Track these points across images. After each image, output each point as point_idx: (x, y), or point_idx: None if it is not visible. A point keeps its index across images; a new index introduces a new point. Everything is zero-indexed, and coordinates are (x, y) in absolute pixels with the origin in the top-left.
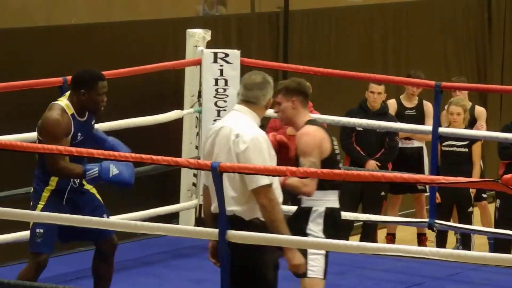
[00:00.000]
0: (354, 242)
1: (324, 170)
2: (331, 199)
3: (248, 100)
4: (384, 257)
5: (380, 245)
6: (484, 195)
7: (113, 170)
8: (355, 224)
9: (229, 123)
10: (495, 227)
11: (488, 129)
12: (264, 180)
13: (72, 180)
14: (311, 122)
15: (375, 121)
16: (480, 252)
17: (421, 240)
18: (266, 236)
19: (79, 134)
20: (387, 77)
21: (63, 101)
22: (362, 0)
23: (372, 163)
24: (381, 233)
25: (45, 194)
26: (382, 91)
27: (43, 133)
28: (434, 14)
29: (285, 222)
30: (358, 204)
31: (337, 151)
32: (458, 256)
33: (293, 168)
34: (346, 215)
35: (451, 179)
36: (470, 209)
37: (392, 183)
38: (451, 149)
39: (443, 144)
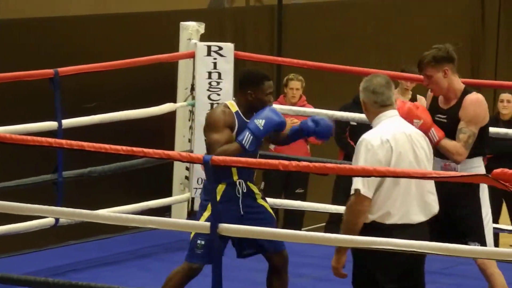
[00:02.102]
0: (344, 235)
1: (316, 164)
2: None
3: (391, 103)
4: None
5: (369, 239)
6: None
7: (260, 122)
8: None
9: (410, 128)
10: None
11: None
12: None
13: (236, 190)
14: (468, 89)
15: (363, 115)
16: (470, 246)
17: None
18: (259, 229)
19: None
20: (380, 71)
21: (229, 101)
22: None
23: None
24: None
25: (206, 214)
26: None
27: (205, 129)
28: (428, 10)
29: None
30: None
31: None
32: (448, 249)
33: (286, 162)
34: (339, 208)
35: (442, 173)
36: None
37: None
38: None
39: None
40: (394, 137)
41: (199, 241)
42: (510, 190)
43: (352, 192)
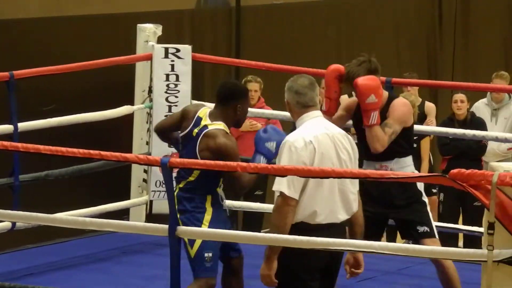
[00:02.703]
0: (304, 237)
1: (275, 166)
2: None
3: (309, 104)
4: None
5: (330, 240)
6: (434, 190)
7: (271, 145)
8: None
9: (334, 128)
10: (439, 221)
11: (437, 125)
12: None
13: (220, 197)
14: (393, 95)
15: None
16: (427, 246)
17: None
18: (218, 232)
19: None
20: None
21: (219, 124)
22: None
23: None
24: None
25: (208, 217)
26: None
27: (224, 159)
28: (386, 11)
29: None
30: None
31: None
32: (406, 250)
33: (244, 164)
34: None
35: (400, 173)
36: None
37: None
38: None
39: None
40: (316, 138)
41: (206, 254)
42: (467, 190)
43: (278, 194)
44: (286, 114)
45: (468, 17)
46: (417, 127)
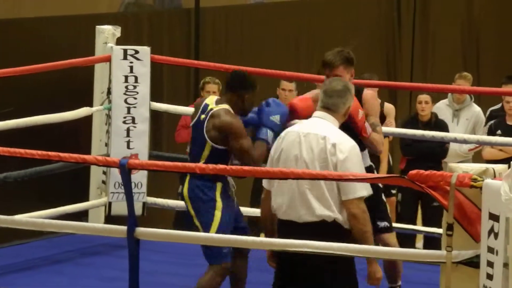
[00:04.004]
0: (264, 238)
1: (233, 167)
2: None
3: (329, 107)
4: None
5: (288, 241)
6: (393, 191)
7: (276, 118)
8: None
9: (316, 130)
10: (397, 221)
11: (397, 126)
12: (362, 192)
13: (230, 186)
14: (358, 87)
15: None
16: (386, 247)
17: None
18: (177, 233)
19: None
20: (298, 74)
21: (223, 105)
22: None
23: None
24: None
25: (219, 205)
26: (293, 89)
27: (231, 136)
28: (346, 12)
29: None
30: None
31: None
32: (366, 251)
33: (203, 165)
34: (256, 211)
35: (358, 174)
36: None
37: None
38: None
39: None
40: (286, 134)
41: None
42: (425, 191)
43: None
44: None
45: (427, 18)
46: (386, 129)
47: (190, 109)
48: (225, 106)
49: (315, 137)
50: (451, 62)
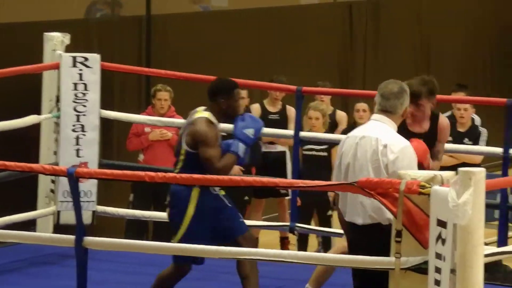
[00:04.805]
0: (213, 247)
1: (183, 175)
2: None
3: (386, 109)
4: None
5: (239, 249)
6: None
7: (250, 132)
8: None
9: (371, 132)
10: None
11: (341, 134)
12: None
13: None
14: (435, 113)
15: None
16: (336, 255)
17: (284, 243)
18: (125, 242)
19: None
20: (249, 81)
21: (204, 113)
22: (227, 5)
23: (236, 169)
24: None
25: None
26: (245, 96)
27: (199, 144)
28: (299, 20)
29: None
30: None
31: None
32: (316, 258)
33: (152, 173)
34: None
35: (309, 182)
36: (329, 212)
37: (255, 187)
38: (311, 153)
39: (304, 148)
40: (347, 138)
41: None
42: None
43: None
44: None
45: (378, 26)
46: (329, 136)
47: (141, 117)
48: (207, 114)
49: (369, 140)
50: (403, 69)
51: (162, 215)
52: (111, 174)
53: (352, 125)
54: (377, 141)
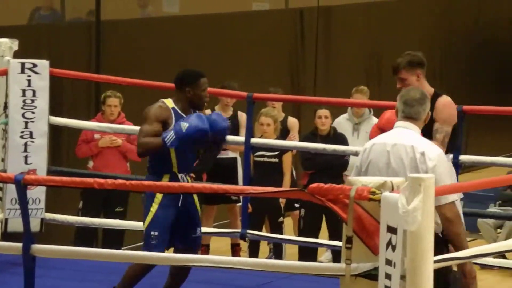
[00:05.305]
0: (163, 253)
1: (133, 182)
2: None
3: (411, 116)
4: (197, 268)
5: (189, 256)
6: (297, 205)
7: (184, 125)
8: None
9: (403, 140)
10: (299, 235)
11: (300, 140)
12: (453, 197)
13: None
14: (438, 92)
15: None
16: (286, 261)
17: (235, 250)
18: (74, 249)
19: None
20: None
21: (166, 99)
22: (178, 10)
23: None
24: None
25: (159, 196)
26: None
27: (142, 121)
28: (251, 26)
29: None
30: None
31: None
32: (266, 265)
33: (101, 180)
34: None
35: (259, 189)
36: (281, 219)
37: (206, 193)
38: (262, 159)
39: (255, 154)
40: (373, 146)
41: (152, 232)
42: (325, 205)
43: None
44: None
45: (330, 34)
46: (280, 142)
47: (91, 124)
48: (166, 100)
49: (403, 147)
50: (354, 76)
51: (112, 222)
52: (59, 181)
53: (314, 131)
54: (413, 149)
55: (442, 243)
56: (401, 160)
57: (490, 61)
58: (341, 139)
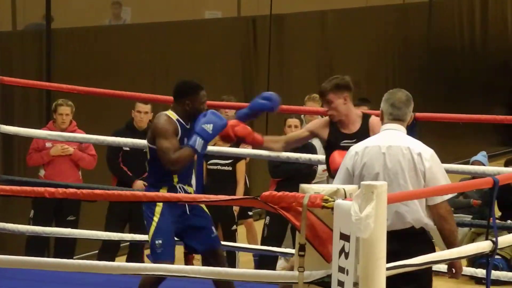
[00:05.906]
0: (115, 263)
1: (84, 191)
2: None
3: (399, 118)
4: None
5: (142, 265)
6: (250, 213)
7: (208, 127)
8: (121, 245)
9: (397, 142)
10: (263, 244)
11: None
12: (447, 195)
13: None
14: (365, 114)
15: (142, 141)
16: (240, 269)
17: (188, 259)
18: (25, 259)
19: (185, 139)
20: (153, 96)
21: (168, 112)
22: (130, 19)
23: (139, 183)
24: None
25: (158, 208)
26: (149, 111)
27: (156, 136)
28: (204, 34)
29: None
30: (125, 224)
31: None
32: (219, 273)
33: (52, 189)
34: (111, 235)
35: (212, 197)
36: (234, 227)
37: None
38: (215, 167)
39: (208, 162)
40: (365, 149)
41: (157, 241)
42: (278, 213)
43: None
44: (99, 137)
45: (282, 42)
46: (233, 150)
47: (42, 132)
48: (168, 112)
49: (399, 149)
50: (306, 85)
51: (63, 231)
52: (9, 190)
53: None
54: (409, 150)
55: (430, 242)
56: (398, 161)
57: (443, 70)
58: (310, 148)
